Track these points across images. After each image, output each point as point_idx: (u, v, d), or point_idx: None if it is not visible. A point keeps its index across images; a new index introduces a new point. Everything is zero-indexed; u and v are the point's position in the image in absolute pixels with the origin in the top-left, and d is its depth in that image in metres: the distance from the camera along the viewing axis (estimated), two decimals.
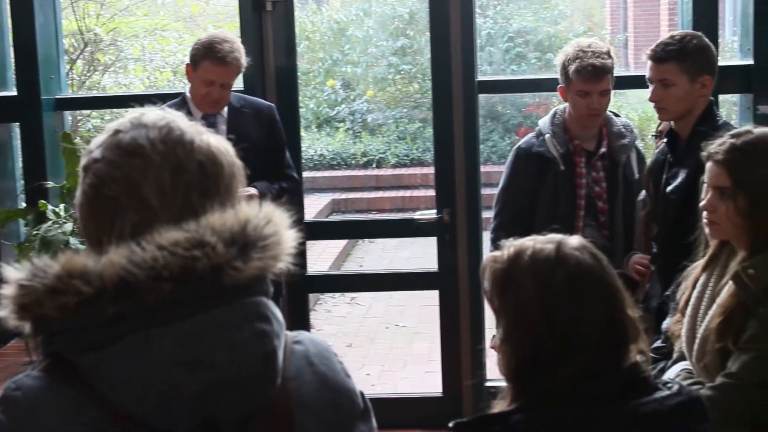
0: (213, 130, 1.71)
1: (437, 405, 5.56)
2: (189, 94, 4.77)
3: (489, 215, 4.78)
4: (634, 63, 17.19)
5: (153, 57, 11.07)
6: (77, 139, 5.64)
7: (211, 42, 4.63)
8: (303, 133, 13.58)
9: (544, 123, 4.64)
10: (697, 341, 3.04)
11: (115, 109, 7.83)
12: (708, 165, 3.05)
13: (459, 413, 5.22)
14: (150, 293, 1.50)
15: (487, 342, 2.19)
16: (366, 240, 11.24)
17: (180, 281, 1.51)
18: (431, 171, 5.58)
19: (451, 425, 2.09)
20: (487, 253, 2.59)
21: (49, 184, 5.40)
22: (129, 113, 1.67)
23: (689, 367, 3.11)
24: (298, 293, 5.53)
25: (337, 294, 9.15)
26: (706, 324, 3.01)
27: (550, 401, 2.05)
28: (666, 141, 4.27)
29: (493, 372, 2.80)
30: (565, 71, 4.46)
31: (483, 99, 12.62)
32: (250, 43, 5.04)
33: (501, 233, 4.35)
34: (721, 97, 5.86)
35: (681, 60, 4.08)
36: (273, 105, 5.07)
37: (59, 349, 1.55)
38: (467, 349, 5.47)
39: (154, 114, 1.66)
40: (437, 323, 5.65)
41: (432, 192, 5.58)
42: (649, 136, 5.03)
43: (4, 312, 1.54)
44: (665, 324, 3.41)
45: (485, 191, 5.68)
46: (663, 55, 4.10)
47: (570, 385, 2.04)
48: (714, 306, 3.00)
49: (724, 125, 4.02)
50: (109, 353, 1.51)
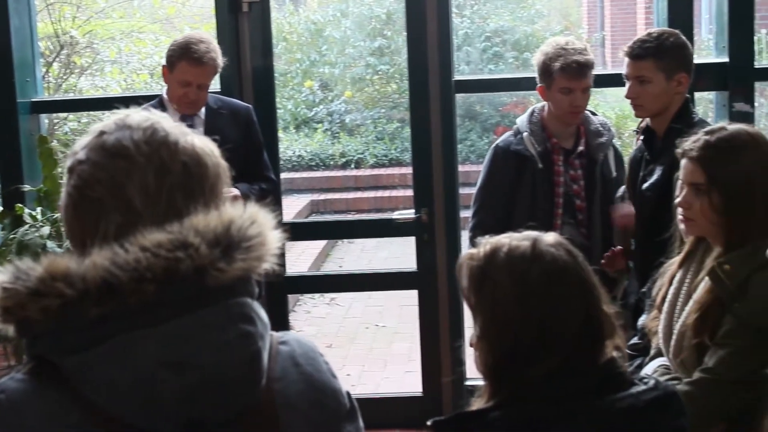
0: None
1: (417, 404, 5.57)
2: (166, 95, 4.76)
3: (467, 214, 4.78)
4: (611, 61, 17.24)
5: (129, 59, 11.02)
6: (54, 143, 5.62)
7: (188, 43, 4.62)
8: (281, 135, 13.58)
9: (522, 121, 4.64)
10: (674, 337, 3.05)
11: (92, 112, 7.80)
12: (683, 162, 3.07)
13: (439, 412, 5.23)
14: (133, 295, 1.50)
15: (466, 340, 2.20)
16: (345, 240, 11.24)
17: (163, 283, 1.51)
18: (410, 171, 5.58)
19: (430, 424, 2.10)
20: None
21: (26, 187, 5.37)
22: (114, 114, 1.67)
23: (666, 363, 3.12)
24: (277, 294, 5.52)
25: (317, 295, 9.15)
26: (682, 320, 3.03)
27: (527, 398, 2.05)
28: (642, 138, 4.29)
29: (473, 370, 2.81)
30: (547, 69, 4.46)
31: (461, 99, 12.67)
32: (226, 45, 5.04)
33: (479, 232, 4.33)
34: (698, 95, 5.89)
35: (658, 57, 4.10)
36: (250, 106, 5.07)
37: (43, 352, 1.55)
38: (447, 349, 5.47)
39: (138, 115, 1.65)
40: (417, 323, 5.65)
41: (411, 192, 5.58)
42: (629, 132, 5.04)
43: None
44: (641, 321, 3.43)
45: (463, 190, 5.69)
46: (640, 52, 4.12)
47: (547, 382, 2.05)
48: (690, 302, 3.02)
49: (699, 122, 4.04)
50: (93, 355, 1.50)
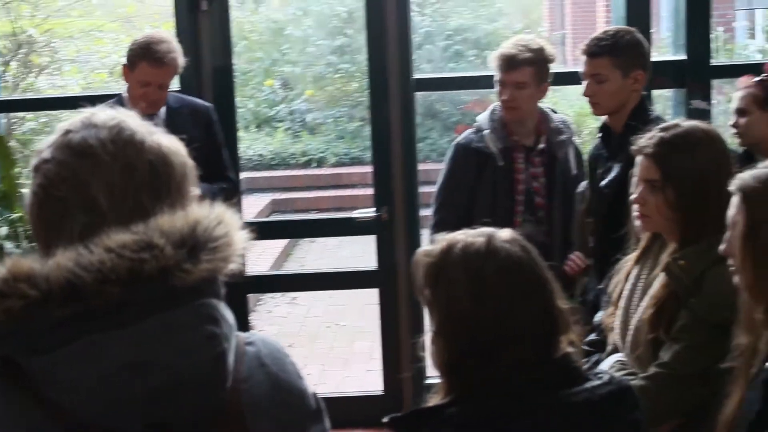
0: None
1: (379, 403, 5.57)
2: (126, 94, 4.73)
3: (428, 213, 4.79)
4: (572, 59, 17.32)
5: (89, 58, 10.96)
6: (12, 142, 5.57)
7: (148, 43, 4.60)
8: (242, 134, 13.53)
9: (483, 119, 4.64)
10: (630, 333, 3.08)
11: (51, 112, 7.75)
12: (638, 159, 3.09)
13: (400, 410, 5.21)
14: (97, 296, 1.48)
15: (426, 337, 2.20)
16: (307, 240, 11.22)
17: (128, 284, 1.49)
18: (371, 170, 5.57)
19: (387, 420, 2.10)
20: None
21: None
22: (80, 113, 1.65)
23: (623, 359, 3.15)
24: (237, 294, 5.49)
25: (278, 294, 9.12)
26: (638, 315, 3.05)
27: (483, 393, 2.06)
28: (600, 136, 4.31)
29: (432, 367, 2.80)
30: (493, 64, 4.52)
31: (421, 97, 12.73)
32: (185, 44, 5.00)
33: (440, 230, 4.32)
34: (656, 92, 5.93)
35: (614, 55, 4.11)
36: (211, 105, 5.05)
37: (7, 353, 1.53)
38: (407, 347, 5.48)
39: (104, 114, 1.63)
40: (378, 321, 5.65)
41: (372, 191, 5.58)
42: (589, 130, 5.06)
43: None
44: (598, 317, 3.45)
45: (425, 189, 5.70)
46: (596, 50, 4.14)
47: (502, 377, 2.05)
48: (646, 298, 3.05)
49: (656, 119, 4.05)
50: (57, 357, 1.49)
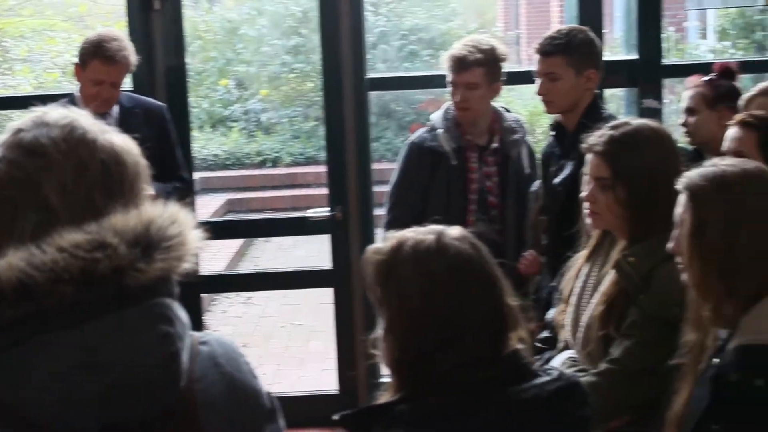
0: None
1: (334, 402, 5.56)
2: (78, 94, 4.70)
3: (382, 212, 4.79)
4: (527, 59, 17.40)
5: (41, 58, 10.87)
6: None
7: (100, 41, 4.58)
8: (197, 133, 13.47)
9: (436, 118, 4.66)
10: (581, 329, 3.10)
11: (2, 111, 7.67)
12: (588, 157, 3.11)
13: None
14: (50, 296, 1.47)
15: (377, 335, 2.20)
16: (262, 239, 11.19)
17: (81, 284, 1.48)
18: (326, 169, 5.57)
19: (337, 418, 2.10)
20: None
21: None
22: (32, 112, 1.64)
23: (574, 356, 3.17)
24: (191, 294, 5.47)
25: (233, 294, 9.10)
26: (589, 312, 3.08)
27: (433, 390, 2.07)
28: (553, 134, 4.34)
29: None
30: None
31: (377, 97, 12.73)
32: (138, 43, 4.96)
33: (394, 229, 4.34)
34: (609, 92, 5.97)
35: (567, 54, 4.14)
36: (164, 105, 5.03)
37: None
38: (362, 346, 5.47)
39: (56, 113, 1.63)
40: (332, 321, 5.65)
41: (327, 190, 5.58)
42: (542, 129, 5.10)
43: None
44: (550, 314, 3.47)
45: (380, 188, 5.70)
46: (550, 49, 4.16)
47: (452, 374, 2.06)
48: (597, 295, 3.07)
49: (609, 118, 4.08)
50: (9, 357, 1.48)
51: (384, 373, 5.33)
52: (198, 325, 5.54)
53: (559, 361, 3.17)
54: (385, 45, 14.75)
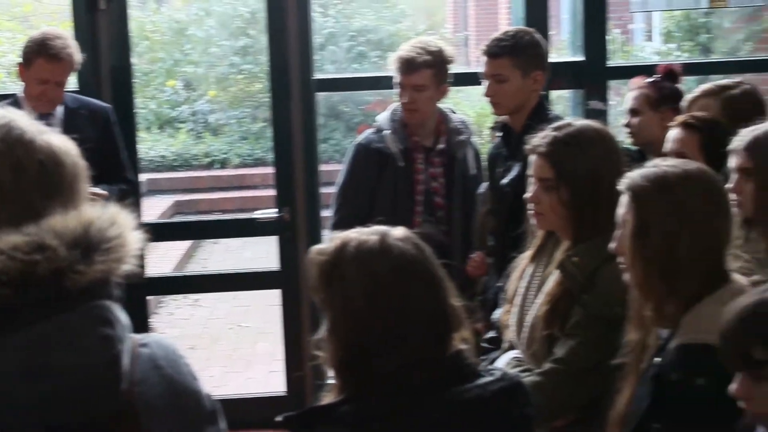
0: None
1: (281, 404, 5.55)
2: (22, 94, 4.66)
3: (330, 213, 4.79)
4: (475, 60, 17.47)
5: None
6: None
7: (44, 39, 4.55)
8: (144, 135, 13.39)
9: (383, 119, 4.66)
10: (525, 329, 3.12)
11: None
12: (532, 158, 3.13)
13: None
14: None
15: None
16: (210, 241, 11.13)
17: (20, 286, 1.47)
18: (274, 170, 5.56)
19: (280, 419, 2.10)
20: None
21: None
22: None
23: (519, 356, 3.18)
24: (136, 296, 5.43)
25: (180, 296, 9.05)
26: (533, 312, 3.09)
27: (376, 391, 2.07)
28: (500, 135, 4.36)
29: None
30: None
31: (325, 98, 12.71)
32: (83, 43, 4.92)
33: (340, 230, 4.35)
34: (556, 93, 6.01)
35: (514, 55, 4.16)
36: (109, 106, 5.00)
37: None
38: (310, 348, 5.46)
39: None
40: (280, 322, 5.64)
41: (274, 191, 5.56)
42: (486, 131, 5.12)
43: None
44: (495, 314, 3.48)
45: (328, 190, 5.69)
46: (497, 51, 4.18)
47: (396, 375, 2.06)
48: (541, 295, 3.09)
49: (555, 119, 4.10)
50: None
51: (330, 375, 5.32)
52: (144, 328, 5.51)
53: (504, 361, 3.18)
54: (334, 46, 14.74)
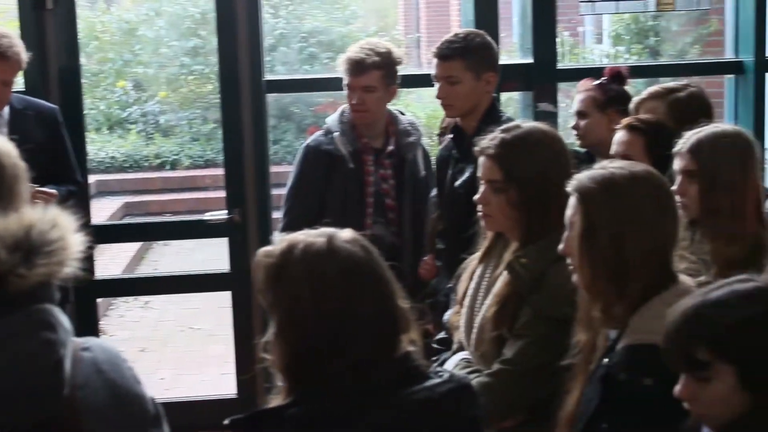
0: None
1: (232, 406, 5.53)
2: None
3: (281, 215, 4.77)
4: (427, 62, 17.50)
5: None
6: None
7: None
8: (94, 136, 13.28)
9: (332, 121, 4.65)
10: (475, 331, 3.13)
11: None
12: (481, 159, 3.14)
13: None
14: None
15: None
16: (161, 243, 11.06)
17: None
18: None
19: (227, 422, 2.09)
20: None
21: None
22: None
23: (468, 357, 3.19)
24: (86, 299, 5.39)
25: (131, 299, 8.98)
26: (482, 314, 3.10)
27: (324, 394, 2.06)
28: (452, 137, 4.37)
29: None
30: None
31: (276, 99, 12.67)
32: (30, 43, 4.87)
33: (290, 232, 4.34)
34: (507, 95, 6.04)
35: (466, 57, 4.17)
36: (56, 107, 4.95)
37: None
38: (259, 350, 5.44)
39: None
40: (231, 324, 5.61)
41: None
42: (434, 136, 5.13)
43: None
44: (446, 316, 3.49)
45: (280, 191, 5.67)
46: (448, 53, 4.19)
47: (343, 377, 2.06)
48: (490, 296, 3.10)
49: (507, 121, 4.12)
50: None
51: (279, 377, 5.30)
52: (94, 330, 5.47)
53: (454, 362, 3.19)
54: (285, 47, 14.70)
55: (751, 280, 2.10)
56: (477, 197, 3.15)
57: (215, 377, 6.96)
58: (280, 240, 2.19)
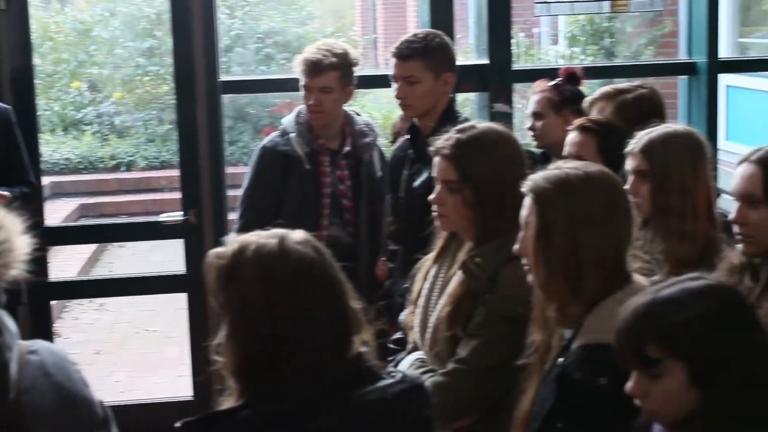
0: None
1: (188, 408, 5.49)
2: None
3: (236, 216, 4.75)
4: (384, 62, 17.51)
5: None
6: None
7: None
8: (48, 137, 13.16)
9: (288, 122, 4.64)
10: (429, 330, 3.13)
11: None
12: (436, 160, 3.14)
13: None
14: None
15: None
16: (116, 244, 10.97)
17: None
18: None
19: (179, 425, 2.08)
20: None
21: None
22: None
23: (422, 357, 3.19)
24: (39, 301, 5.34)
25: (86, 301, 8.91)
26: (436, 313, 3.11)
27: (276, 395, 2.06)
28: (408, 137, 4.37)
29: None
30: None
31: (233, 100, 12.63)
32: None
33: (246, 233, 4.32)
34: (463, 96, 6.04)
35: (426, 57, 4.18)
36: (9, 108, 4.90)
37: None
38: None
39: None
40: (186, 326, 5.58)
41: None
42: (386, 141, 5.13)
43: None
44: (401, 316, 3.49)
45: (235, 192, 5.65)
46: (408, 53, 4.19)
47: (295, 378, 2.05)
48: (444, 296, 3.10)
49: (464, 122, 4.13)
50: None
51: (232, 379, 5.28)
52: (48, 333, 5.42)
53: (408, 363, 3.19)
54: (241, 48, 14.64)
55: (702, 278, 2.12)
56: (432, 197, 3.16)
57: (171, 379, 6.93)
58: (231, 241, 2.18)
